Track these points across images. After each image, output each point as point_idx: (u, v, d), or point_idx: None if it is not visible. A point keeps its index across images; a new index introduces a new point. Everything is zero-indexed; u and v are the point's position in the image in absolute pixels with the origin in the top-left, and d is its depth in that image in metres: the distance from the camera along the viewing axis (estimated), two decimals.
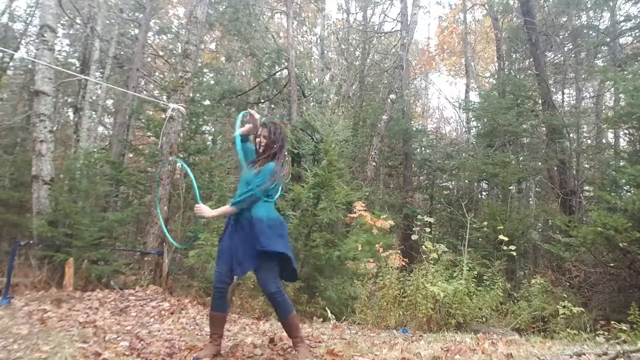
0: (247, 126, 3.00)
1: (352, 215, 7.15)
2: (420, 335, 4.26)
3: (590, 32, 11.87)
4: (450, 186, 14.51)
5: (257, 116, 2.94)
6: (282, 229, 2.89)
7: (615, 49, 10.95)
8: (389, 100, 11.65)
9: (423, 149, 15.06)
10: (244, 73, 17.82)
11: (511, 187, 9.88)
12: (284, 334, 3.75)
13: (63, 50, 14.56)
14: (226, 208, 2.87)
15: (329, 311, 5.06)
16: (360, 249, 6.19)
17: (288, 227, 6.75)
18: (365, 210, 7.23)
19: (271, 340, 3.36)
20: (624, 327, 4.61)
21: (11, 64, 13.42)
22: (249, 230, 2.77)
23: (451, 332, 4.61)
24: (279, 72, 14.02)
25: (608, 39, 10.48)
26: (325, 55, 16.25)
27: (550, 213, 10.30)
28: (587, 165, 11.28)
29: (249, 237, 2.75)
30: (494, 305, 5.54)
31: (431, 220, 8.67)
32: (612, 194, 6.79)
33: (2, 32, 12.78)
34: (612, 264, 6.36)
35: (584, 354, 2.71)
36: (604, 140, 12.04)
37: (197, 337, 3.78)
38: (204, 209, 2.90)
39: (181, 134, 7.95)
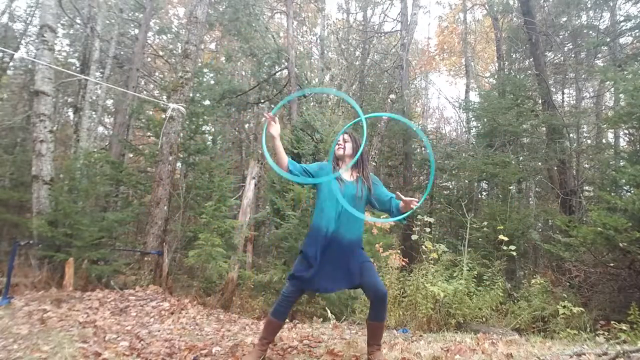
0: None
1: None
2: (420, 335, 4.26)
3: (590, 32, 11.86)
4: (450, 186, 14.49)
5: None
6: None
7: (615, 49, 10.94)
8: (389, 100, 11.66)
9: (423, 149, 15.04)
10: (244, 73, 17.83)
11: (511, 187, 9.86)
12: (284, 334, 3.75)
13: (63, 50, 14.59)
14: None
15: (329, 311, 5.06)
16: None
17: (289, 227, 6.82)
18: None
19: None
20: (624, 327, 4.60)
21: (11, 64, 13.41)
22: (352, 251, 2.81)
23: (451, 332, 4.61)
24: (279, 72, 14.02)
25: (608, 39, 10.46)
26: (325, 55, 16.25)
27: (550, 213, 10.28)
28: (587, 165, 11.27)
29: (354, 256, 2.80)
30: (494, 305, 5.54)
31: (431, 220, 8.64)
32: (612, 194, 6.78)
33: (2, 32, 12.79)
34: (612, 264, 6.35)
35: (584, 354, 2.71)
36: (604, 140, 12.02)
37: (197, 337, 3.78)
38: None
39: (181, 134, 7.95)
